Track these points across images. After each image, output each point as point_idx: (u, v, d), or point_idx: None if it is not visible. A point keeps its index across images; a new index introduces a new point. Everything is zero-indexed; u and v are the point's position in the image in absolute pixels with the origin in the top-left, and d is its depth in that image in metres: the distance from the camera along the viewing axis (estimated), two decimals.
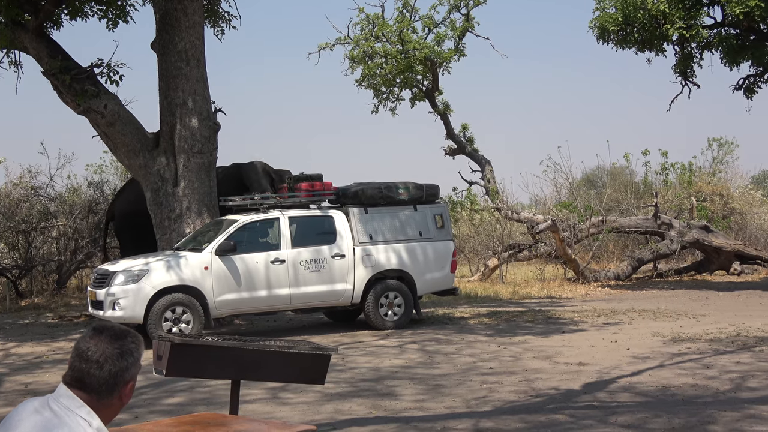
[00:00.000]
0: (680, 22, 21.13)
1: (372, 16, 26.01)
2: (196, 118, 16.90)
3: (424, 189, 16.35)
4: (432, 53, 24.88)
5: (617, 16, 21.78)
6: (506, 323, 16.06)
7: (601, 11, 22.38)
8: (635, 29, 21.89)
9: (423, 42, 25.25)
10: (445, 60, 25.29)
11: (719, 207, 31.22)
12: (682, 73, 23.62)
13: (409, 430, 8.13)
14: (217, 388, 10.27)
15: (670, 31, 21.25)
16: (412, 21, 25.82)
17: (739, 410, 8.52)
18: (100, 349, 3.02)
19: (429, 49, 24.87)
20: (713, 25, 22.50)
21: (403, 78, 25.56)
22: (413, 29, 25.69)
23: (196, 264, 14.45)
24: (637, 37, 22.08)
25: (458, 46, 25.80)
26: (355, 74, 26.17)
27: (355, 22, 26.32)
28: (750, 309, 17.46)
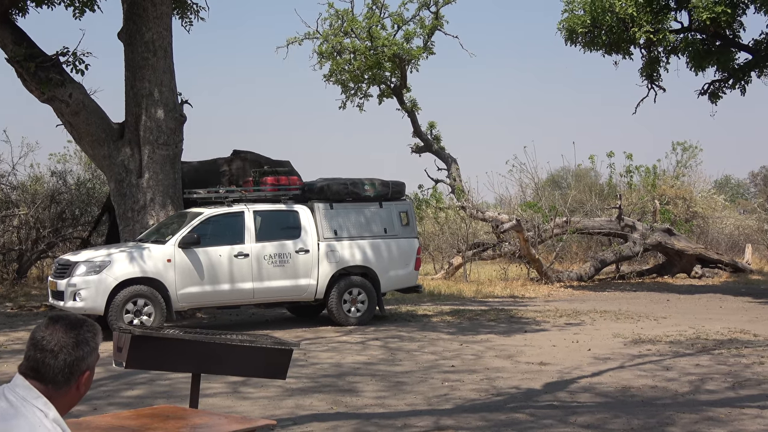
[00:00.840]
0: (648, 25, 21.26)
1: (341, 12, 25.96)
2: (162, 109, 16.78)
3: (390, 186, 16.34)
4: (401, 50, 24.88)
5: (585, 18, 21.88)
6: (469, 322, 16.09)
7: (570, 13, 22.47)
8: (603, 32, 22.00)
9: (392, 39, 25.24)
10: (414, 57, 25.29)
11: (682, 210, 31.49)
12: (649, 77, 23.78)
13: (369, 427, 8.12)
14: (177, 381, 10.20)
15: (638, 34, 21.38)
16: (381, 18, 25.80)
17: (697, 412, 8.58)
18: (56, 339, 2.97)
19: (398, 46, 24.86)
20: (680, 30, 22.67)
21: (372, 74, 25.54)
22: (382, 26, 25.68)
23: (159, 256, 14.35)
24: (604, 39, 22.20)
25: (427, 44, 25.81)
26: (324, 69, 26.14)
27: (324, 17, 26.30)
28: (710, 312, 17.62)
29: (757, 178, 63.48)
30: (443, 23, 25.82)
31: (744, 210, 41.96)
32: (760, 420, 8.22)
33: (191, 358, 5.95)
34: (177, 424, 5.15)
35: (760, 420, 8.22)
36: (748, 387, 9.87)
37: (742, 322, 15.79)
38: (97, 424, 5.08)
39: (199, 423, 5.23)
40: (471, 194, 27.37)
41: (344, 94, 26.33)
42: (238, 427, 5.16)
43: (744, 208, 42.74)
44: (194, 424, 5.18)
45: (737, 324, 15.40)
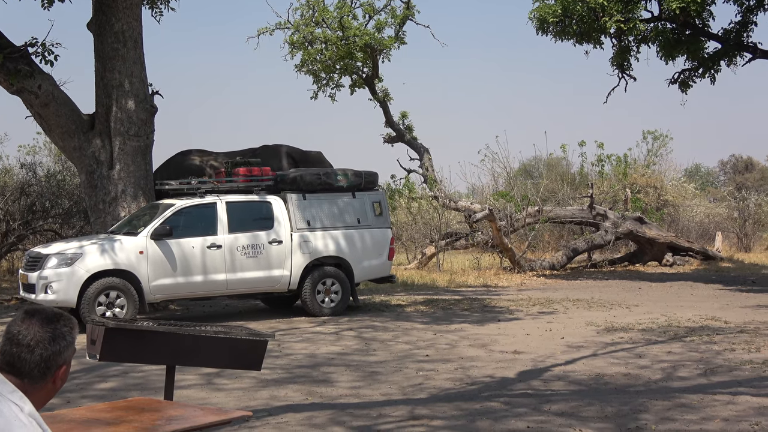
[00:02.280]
0: (618, 15, 21.33)
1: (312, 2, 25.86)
2: (132, 100, 16.67)
3: (362, 176, 16.33)
4: (372, 40, 24.82)
5: (556, 7, 21.91)
6: (443, 311, 16.13)
7: (541, 2, 22.50)
8: (574, 21, 22.05)
9: (363, 29, 25.18)
10: (386, 47, 25.24)
11: (653, 199, 31.73)
12: (619, 66, 23.87)
13: (344, 417, 8.12)
14: (151, 374, 10.16)
15: (608, 23, 21.45)
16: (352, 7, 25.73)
17: (669, 399, 8.65)
18: (32, 333, 2.95)
19: (369, 36, 24.80)
20: (650, 19, 22.77)
21: (343, 64, 25.47)
22: (354, 16, 25.59)
23: (131, 248, 14.28)
24: (575, 29, 22.24)
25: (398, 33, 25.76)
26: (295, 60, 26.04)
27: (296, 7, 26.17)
28: (681, 300, 17.75)
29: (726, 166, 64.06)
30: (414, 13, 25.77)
31: (714, 198, 42.33)
32: (731, 406, 8.30)
33: (165, 350, 5.93)
34: (152, 416, 5.13)
35: (731, 406, 8.30)
36: (719, 374, 9.96)
37: (713, 309, 15.93)
38: (71, 417, 5.06)
39: (174, 415, 5.21)
40: (443, 184, 27.40)
41: (316, 85, 26.25)
42: (213, 418, 5.15)
43: (714, 196, 43.11)
44: (169, 416, 5.16)
45: (708, 311, 15.53)
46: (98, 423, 4.92)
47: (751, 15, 22.92)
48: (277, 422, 7.97)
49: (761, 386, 9.23)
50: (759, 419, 7.75)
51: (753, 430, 7.42)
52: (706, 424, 7.66)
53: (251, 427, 7.73)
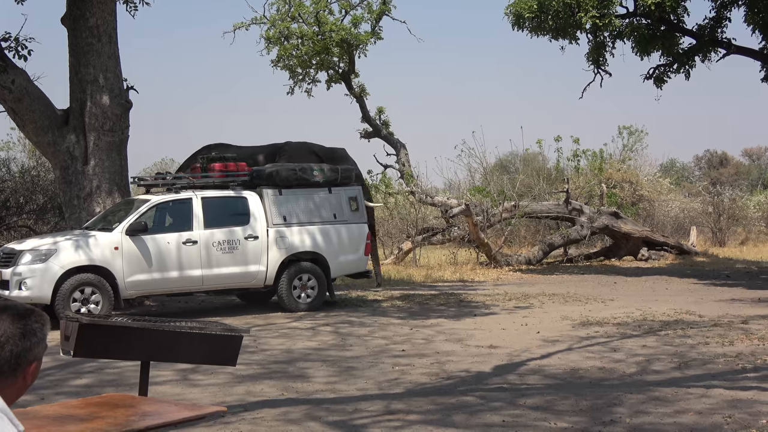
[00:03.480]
0: (593, 10, 21.40)
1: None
2: (107, 95, 16.58)
3: (339, 171, 16.32)
4: (348, 35, 24.77)
5: (532, 3, 21.95)
6: (419, 306, 16.15)
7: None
8: (550, 17, 22.09)
9: (339, 24, 25.12)
10: (362, 42, 25.20)
11: (628, 194, 31.88)
12: (595, 62, 23.96)
13: (320, 412, 8.12)
14: (126, 370, 10.13)
15: (584, 19, 21.51)
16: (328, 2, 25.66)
17: (644, 392, 8.70)
18: (2, 329, 2.93)
19: (345, 31, 24.74)
20: (625, 15, 22.86)
21: (320, 60, 25.39)
22: (330, 11, 25.52)
23: (106, 244, 14.21)
24: (551, 24, 22.29)
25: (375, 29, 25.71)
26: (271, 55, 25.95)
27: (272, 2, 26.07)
28: (656, 294, 17.85)
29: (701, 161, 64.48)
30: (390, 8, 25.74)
31: (689, 193, 42.58)
32: (705, 399, 8.36)
33: (140, 346, 5.91)
34: (126, 412, 5.11)
35: (705, 399, 8.36)
36: (693, 367, 10.02)
37: (687, 303, 16.03)
38: (45, 414, 5.03)
39: (148, 411, 5.20)
40: (420, 179, 27.42)
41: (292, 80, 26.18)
42: (188, 414, 5.14)
43: (689, 191, 43.37)
44: (144, 412, 5.14)
45: (683, 305, 15.63)
46: (72, 419, 4.89)
47: (725, 11, 23.07)
48: (252, 417, 7.95)
49: (734, 379, 9.30)
50: (732, 412, 7.81)
51: (726, 422, 7.48)
52: (680, 417, 7.71)
53: (227, 423, 7.72)
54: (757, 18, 22.22)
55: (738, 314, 14.37)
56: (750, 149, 67.97)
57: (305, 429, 7.56)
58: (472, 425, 7.57)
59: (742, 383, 9.11)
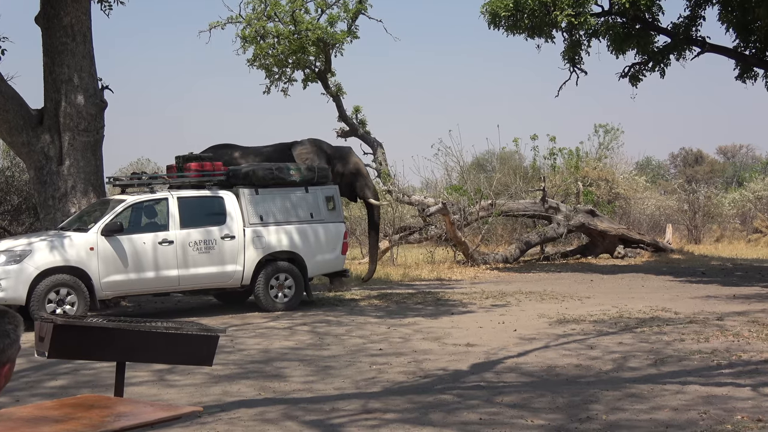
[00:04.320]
0: (569, 9, 21.49)
1: None
2: (82, 95, 16.48)
3: (315, 171, 16.31)
4: (325, 34, 24.77)
5: (508, 1, 22.01)
6: (396, 305, 16.16)
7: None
8: (525, 15, 22.16)
9: (316, 23, 25.11)
10: (338, 41, 25.20)
11: (605, 192, 32.01)
12: (571, 60, 24.05)
13: (297, 412, 8.11)
14: (101, 371, 10.07)
15: (559, 17, 21.60)
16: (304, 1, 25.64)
17: (620, 389, 8.74)
18: None
19: (321, 30, 24.74)
20: (601, 13, 22.96)
21: (296, 59, 25.38)
22: (306, 10, 25.51)
23: (82, 244, 14.13)
24: (527, 23, 22.36)
25: (351, 28, 25.73)
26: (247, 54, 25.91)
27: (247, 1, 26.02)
28: (632, 291, 17.93)
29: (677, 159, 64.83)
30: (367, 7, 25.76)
31: (664, 191, 42.80)
32: (680, 396, 8.40)
33: (115, 347, 5.87)
34: (101, 413, 5.07)
35: (680, 396, 8.40)
36: (669, 364, 10.08)
37: (663, 300, 16.11)
38: (19, 415, 4.99)
39: (123, 411, 5.16)
40: (397, 178, 27.43)
41: (268, 79, 26.14)
42: (163, 414, 5.11)
43: (665, 189, 43.59)
44: (119, 413, 5.11)
45: (659, 302, 15.71)
46: (46, 420, 4.86)
47: (699, 9, 23.23)
48: (229, 417, 7.93)
49: (710, 376, 9.36)
50: (707, 408, 7.85)
51: (701, 418, 7.52)
52: (656, 413, 7.75)
53: (203, 423, 7.70)
54: (731, 16, 22.38)
55: (713, 311, 14.46)
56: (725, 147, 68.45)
57: (282, 429, 7.55)
58: (450, 423, 7.58)
59: (717, 379, 9.17)
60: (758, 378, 9.14)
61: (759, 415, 7.56)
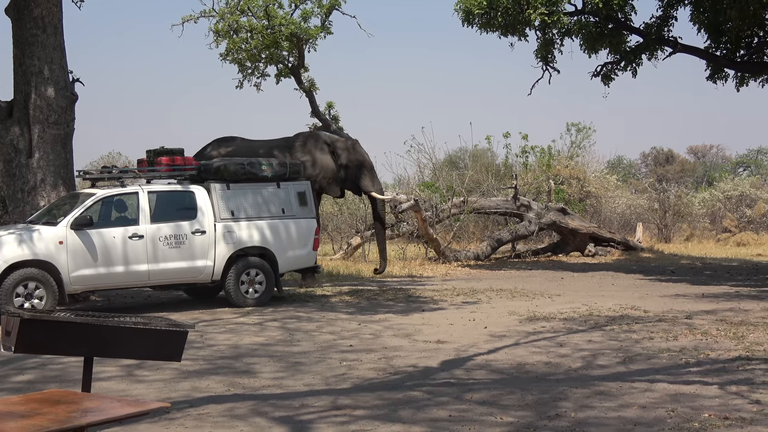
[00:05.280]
0: (542, 7, 21.55)
1: None
2: (52, 87, 16.35)
3: (287, 166, 16.27)
4: (298, 30, 24.69)
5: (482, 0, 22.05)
6: (367, 301, 16.15)
7: None
8: (499, 13, 22.20)
9: (289, 18, 25.02)
10: (311, 37, 25.12)
11: (576, 190, 32.15)
12: (543, 58, 24.12)
13: (266, 408, 8.08)
14: (69, 366, 10.00)
15: (533, 16, 21.65)
16: None
17: (588, 387, 8.78)
18: None
19: (295, 25, 24.65)
20: (574, 12, 23.04)
21: (269, 54, 25.27)
22: (279, 4, 25.39)
23: (51, 238, 14.01)
24: (500, 21, 22.40)
25: (324, 23, 25.65)
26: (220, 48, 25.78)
27: None
28: (603, 289, 18.02)
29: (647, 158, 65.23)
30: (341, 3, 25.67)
31: (635, 190, 43.07)
32: (648, 393, 8.45)
33: (83, 342, 5.82)
34: (68, 408, 5.03)
35: (648, 393, 8.45)
36: (637, 362, 10.13)
37: (633, 298, 16.20)
38: None
39: (90, 407, 5.12)
40: None
41: (241, 74, 26.02)
42: (131, 410, 5.08)
43: (635, 188, 43.87)
44: (86, 408, 5.07)
45: (628, 301, 15.80)
46: (11, 416, 4.81)
47: (671, 10, 23.36)
48: (198, 413, 7.90)
49: (678, 374, 9.42)
50: (675, 406, 7.90)
51: (669, 416, 7.57)
52: (624, 411, 7.78)
53: (172, 419, 7.66)
54: (702, 17, 22.54)
55: (682, 309, 14.55)
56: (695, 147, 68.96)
57: (251, 425, 7.52)
58: (419, 420, 7.58)
59: (685, 378, 9.23)
60: (725, 376, 9.21)
61: (726, 413, 7.62)
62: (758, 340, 11.38)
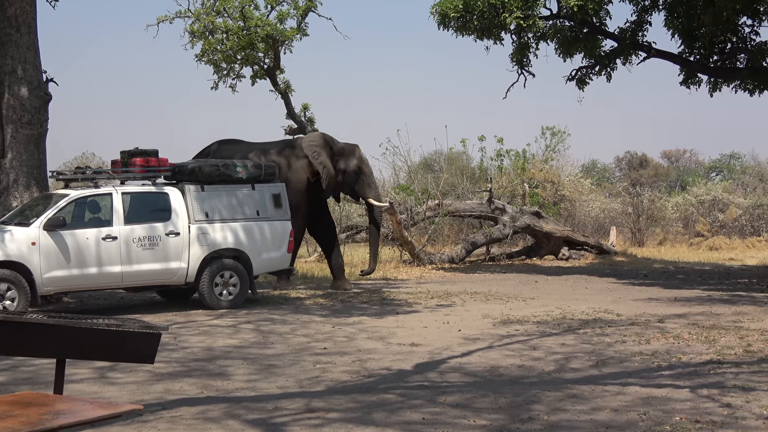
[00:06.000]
0: (518, 11, 21.62)
1: None
2: (25, 87, 16.26)
3: (262, 168, 16.24)
4: (274, 31, 24.63)
5: (458, 3, 22.08)
6: (342, 304, 16.15)
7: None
8: (475, 17, 22.25)
9: (265, 19, 24.97)
10: (287, 39, 25.07)
11: (550, 194, 32.26)
12: (519, 62, 24.19)
13: (239, 410, 8.07)
14: (42, 367, 9.94)
15: (508, 20, 21.71)
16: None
17: (562, 390, 8.82)
18: None
19: (271, 26, 24.60)
20: (549, 17, 23.12)
21: (244, 55, 25.20)
22: (255, 6, 25.32)
23: (23, 239, 13.92)
24: (476, 24, 22.45)
25: (300, 25, 25.61)
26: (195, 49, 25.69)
27: None
28: (576, 293, 18.10)
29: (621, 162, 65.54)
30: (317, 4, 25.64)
31: (609, 193, 43.27)
32: (621, 396, 8.50)
33: (55, 344, 5.80)
34: (39, 410, 5.01)
35: (621, 396, 8.50)
36: (610, 365, 10.18)
37: (606, 302, 16.28)
38: None
39: (62, 409, 5.10)
40: None
41: (216, 75, 25.93)
42: (103, 412, 5.06)
43: (609, 192, 44.07)
44: (57, 411, 5.05)
45: (601, 304, 15.87)
46: None
47: (646, 15, 23.49)
48: (171, 416, 7.87)
49: (650, 377, 9.48)
50: (647, 409, 7.95)
51: (641, 419, 7.61)
52: (596, 414, 7.83)
53: (145, 421, 7.63)
54: (676, 22, 22.69)
55: (655, 313, 14.64)
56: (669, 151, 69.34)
57: (224, 427, 7.51)
58: (392, 423, 7.59)
59: (657, 381, 9.29)
60: (697, 380, 9.28)
61: (697, 416, 7.67)
62: (729, 344, 11.47)
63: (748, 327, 13.02)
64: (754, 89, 23.50)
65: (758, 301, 16.41)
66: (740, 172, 54.51)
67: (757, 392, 8.64)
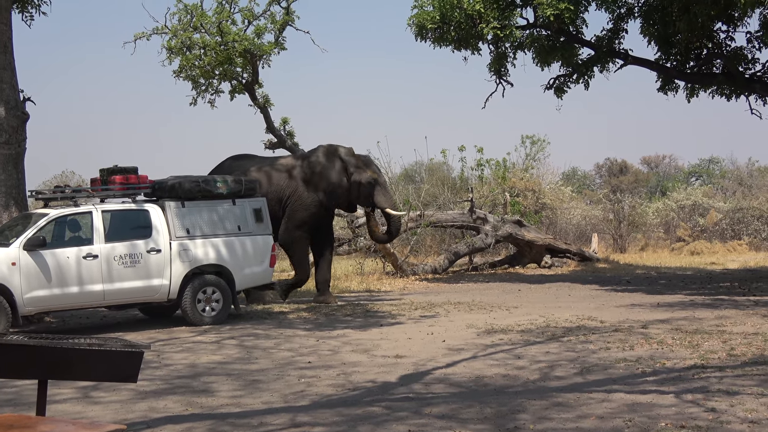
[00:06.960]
0: (495, 22, 21.68)
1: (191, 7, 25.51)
2: (3, 107, 16.17)
3: (243, 183, 16.20)
4: (252, 46, 24.62)
5: (435, 14, 22.14)
6: (325, 317, 16.11)
7: (420, 9, 22.71)
8: (452, 28, 22.31)
9: (243, 34, 24.95)
10: (265, 53, 25.04)
11: (531, 202, 32.36)
12: (497, 72, 24.26)
13: (224, 427, 8.03)
14: (24, 388, 9.86)
15: (485, 30, 21.78)
16: (231, 12, 25.46)
17: (546, 398, 8.82)
18: None
19: (249, 41, 24.58)
20: (526, 26, 23.21)
21: (223, 70, 25.16)
22: (233, 21, 25.31)
23: (3, 259, 13.83)
24: (453, 35, 22.51)
25: (278, 39, 25.60)
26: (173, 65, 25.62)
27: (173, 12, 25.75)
28: (559, 301, 18.13)
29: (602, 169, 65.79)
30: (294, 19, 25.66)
31: (590, 200, 43.41)
32: (606, 404, 8.51)
33: (37, 365, 5.76)
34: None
35: (606, 404, 8.51)
36: (594, 372, 10.20)
37: (589, 309, 16.32)
38: None
39: (44, 431, 5.07)
40: None
41: (195, 90, 25.88)
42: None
43: (590, 199, 44.21)
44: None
45: (585, 311, 15.91)
46: None
47: (622, 22, 23.62)
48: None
49: (634, 383, 9.50)
50: (632, 416, 7.96)
51: (626, 426, 7.62)
52: (582, 422, 7.83)
53: None
54: (652, 30, 22.82)
55: (638, 319, 14.68)
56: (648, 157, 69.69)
57: None
58: None
59: (642, 387, 9.30)
60: (681, 385, 9.30)
61: (682, 421, 7.69)
62: (712, 349, 11.51)
63: (731, 331, 13.08)
64: (730, 94, 23.68)
65: (740, 305, 16.49)
66: (719, 176, 54.82)
67: (742, 396, 8.67)
